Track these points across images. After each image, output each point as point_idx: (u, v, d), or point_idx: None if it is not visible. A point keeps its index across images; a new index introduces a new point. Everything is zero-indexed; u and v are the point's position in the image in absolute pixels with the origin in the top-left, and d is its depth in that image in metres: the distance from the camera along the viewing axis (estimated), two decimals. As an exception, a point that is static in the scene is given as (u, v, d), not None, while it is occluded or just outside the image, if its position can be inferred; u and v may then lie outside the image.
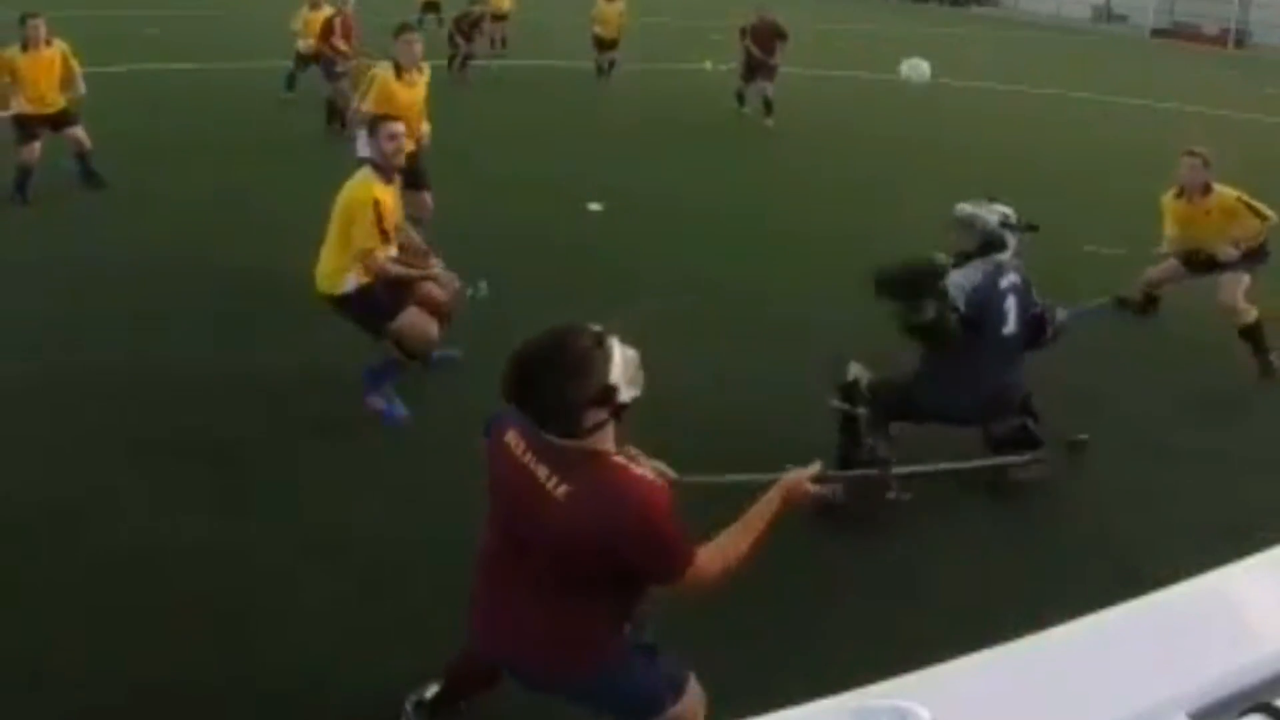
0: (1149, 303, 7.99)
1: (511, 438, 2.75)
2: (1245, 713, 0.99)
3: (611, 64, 17.83)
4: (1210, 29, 39.25)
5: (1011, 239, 5.09)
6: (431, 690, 3.37)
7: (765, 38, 14.62)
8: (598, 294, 7.54)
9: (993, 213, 5.11)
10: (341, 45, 12.64)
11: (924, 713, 0.93)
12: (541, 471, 2.66)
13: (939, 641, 1.51)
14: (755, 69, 14.81)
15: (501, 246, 8.60)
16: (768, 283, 8.16)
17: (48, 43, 9.22)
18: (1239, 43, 38.02)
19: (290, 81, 14.05)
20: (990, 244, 5.07)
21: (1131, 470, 5.58)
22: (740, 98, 15.34)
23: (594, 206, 9.93)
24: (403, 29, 8.19)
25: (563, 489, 2.62)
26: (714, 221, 9.88)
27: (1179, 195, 7.20)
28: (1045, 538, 4.95)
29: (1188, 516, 5.07)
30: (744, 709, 1.08)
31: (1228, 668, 1.04)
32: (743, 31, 15.06)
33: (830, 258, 8.92)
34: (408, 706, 3.37)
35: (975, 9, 48.27)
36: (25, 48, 9.11)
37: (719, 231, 9.60)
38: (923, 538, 4.85)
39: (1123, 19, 43.32)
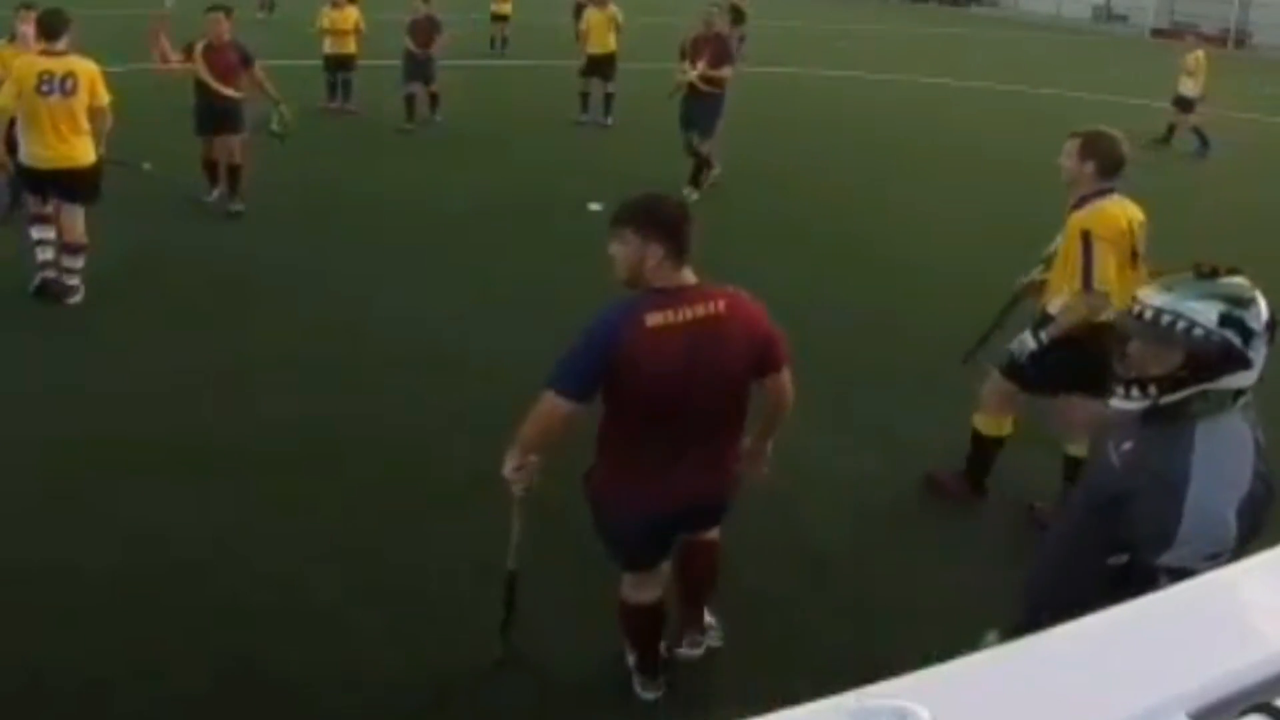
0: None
1: (655, 317, 3.11)
2: (1245, 712, 0.99)
3: (608, 98, 13.89)
4: (1210, 29, 39.28)
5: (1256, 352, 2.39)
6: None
7: (709, 56, 10.28)
8: (596, 294, 7.54)
9: (1210, 300, 2.37)
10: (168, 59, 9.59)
11: (924, 713, 0.93)
12: (700, 310, 3.11)
13: (939, 642, 1.51)
14: (692, 107, 10.49)
15: (501, 247, 8.62)
16: (774, 279, 8.15)
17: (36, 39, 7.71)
18: (1239, 43, 38.06)
19: (331, 91, 13.27)
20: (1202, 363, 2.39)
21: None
22: (695, 154, 10.56)
23: (594, 206, 9.93)
24: None
25: (722, 302, 3.14)
26: (714, 220, 9.87)
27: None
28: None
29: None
30: (743, 709, 1.08)
31: (1228, 668, 1.04)
32: (682, 50, 10.66)
33: (832, 252, 8.95)
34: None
35: (975, 9, 48.29)
36: (13, 39, 7.88)
37: (719, 230, 9.59)
38: (924, 537, 4.87)
39: (1123, 19, 43.37)
